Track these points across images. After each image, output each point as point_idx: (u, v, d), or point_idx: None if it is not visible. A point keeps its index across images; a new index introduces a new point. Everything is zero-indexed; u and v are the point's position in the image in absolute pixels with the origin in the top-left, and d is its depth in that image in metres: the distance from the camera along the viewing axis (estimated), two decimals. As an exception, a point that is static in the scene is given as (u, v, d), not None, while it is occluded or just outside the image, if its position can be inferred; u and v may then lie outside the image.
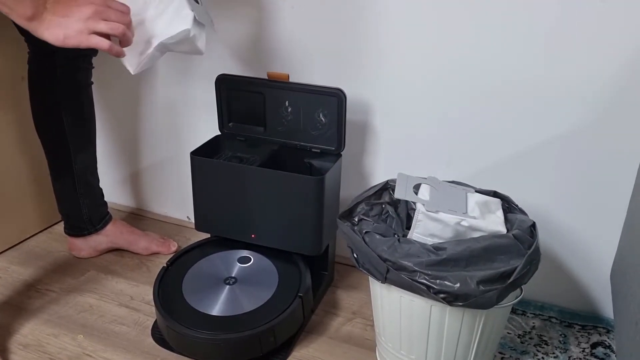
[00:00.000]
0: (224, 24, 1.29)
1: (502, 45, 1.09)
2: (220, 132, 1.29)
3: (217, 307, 1.11)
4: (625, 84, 1.04)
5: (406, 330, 0.98)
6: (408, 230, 1.00)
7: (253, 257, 1.23)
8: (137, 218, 1.64)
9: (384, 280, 0.92)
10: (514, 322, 1.21)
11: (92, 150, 1.36)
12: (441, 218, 0.94)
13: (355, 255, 0.97)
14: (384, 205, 1.04)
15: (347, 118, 1.17)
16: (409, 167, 1.11)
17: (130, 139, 1.58)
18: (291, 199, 1.14)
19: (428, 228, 0.95)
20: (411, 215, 1.03)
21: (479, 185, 1.05)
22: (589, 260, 1.19)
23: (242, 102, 1.25)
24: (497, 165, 1.19)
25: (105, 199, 1.42)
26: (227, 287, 1.16)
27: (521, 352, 1.13)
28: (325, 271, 1.29)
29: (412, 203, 1.02)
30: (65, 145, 1.29)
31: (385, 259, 0.91)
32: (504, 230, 0.95)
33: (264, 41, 1.29)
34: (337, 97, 1.14)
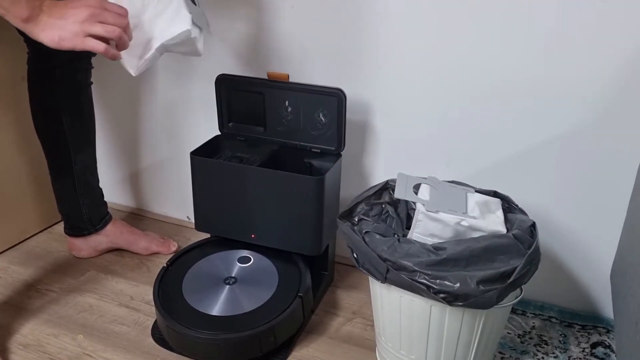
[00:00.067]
0: (223, 24, 1.29)
1: (502, 45, 1.09)
2: (220, 132, 1.29)
3: (217, 307, 1.11)
4: (625, 84, 1.04)
5: (406, 330, 0.98)
6: (408, 230, 1.00)
7: (253, 257, 1.23)
8: (137, 218, 1.64)
9: (384, 280, 0.92)
10: (514, 322, 1.21)
11: (92, 151, 1.36)
12: (441, 218, 0.94)
13: (355, 255, 0.97)
14: (384, 205, 1.04)
15: (347, 118, 1.17)
16: (409, 167, 1.11)
17: (130, 139, 1.58)
18: (291, 199, 1.14)
19: (428, 228, 0.95)
20: (411, 215, 1.03)
21: (479, 185, 1.05)
22: (589, 260, 1.19)
23: (242, 102, 1.25)
24: (497, 165, 1.19)
25: (105, 199, 1.42)
26: (227, 287, 1.16)
27: (521, 352, 1.13)
28: (325, 271, 1.29)
29: (412, 203, 1.02)
30: (64, 146, 1.29)
31: (385, 258, 0.91)
32: (504, 230, 0.95)
33: (263, 41, 1.29)
34: (337, 97, 1.14)
